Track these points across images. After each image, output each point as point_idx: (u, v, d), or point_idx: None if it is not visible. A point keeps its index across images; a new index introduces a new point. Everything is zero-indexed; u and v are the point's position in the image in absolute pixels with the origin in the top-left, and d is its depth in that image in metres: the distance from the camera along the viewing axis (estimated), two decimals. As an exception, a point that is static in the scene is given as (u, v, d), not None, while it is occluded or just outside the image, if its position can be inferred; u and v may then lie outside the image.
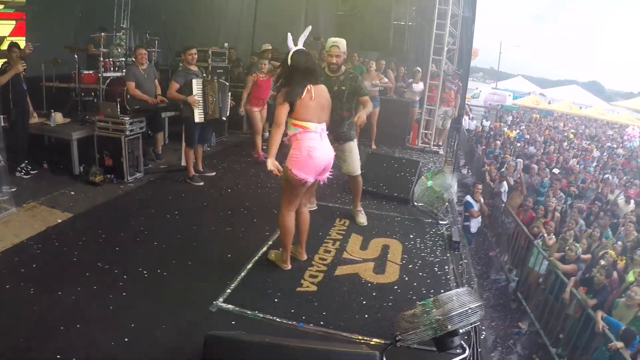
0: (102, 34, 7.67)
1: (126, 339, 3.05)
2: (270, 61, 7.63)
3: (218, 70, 8.72)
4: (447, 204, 6.01)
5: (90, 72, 7.87)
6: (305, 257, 4.35)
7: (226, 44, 9.49)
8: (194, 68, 6.25)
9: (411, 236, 5.20)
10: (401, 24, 11.95)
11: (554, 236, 7.91)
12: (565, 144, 17.92)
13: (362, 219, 5.39)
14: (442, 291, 3.92)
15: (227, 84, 6.70)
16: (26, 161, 6.00)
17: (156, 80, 7.06)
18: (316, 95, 3.79)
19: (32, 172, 6.02)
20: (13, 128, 5.87)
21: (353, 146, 5.16)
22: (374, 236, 5.07)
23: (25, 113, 6.02)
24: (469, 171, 16.21)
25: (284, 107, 3.74)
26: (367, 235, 5.07)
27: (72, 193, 5.59)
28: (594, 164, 15.13)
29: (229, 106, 6.59)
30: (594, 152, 17.48)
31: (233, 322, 3.33)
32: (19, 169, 5.91)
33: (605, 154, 17.26)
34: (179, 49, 6.69)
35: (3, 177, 5.02)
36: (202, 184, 6.29)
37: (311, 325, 3.38)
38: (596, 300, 6.19)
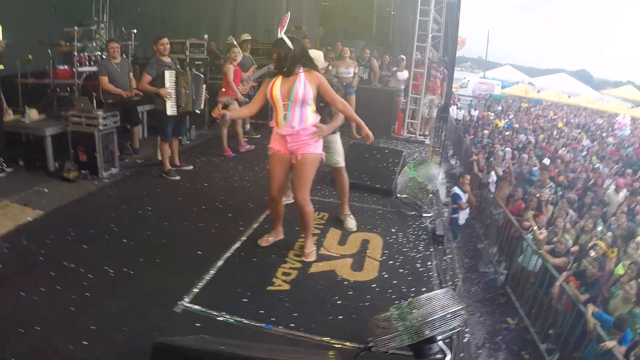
0: (76, 28, 7.46)
1: (85, 342, 2.89)
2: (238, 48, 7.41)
3: (197, 62, 8.49)
4: (431, 195, 5.87)
5: (65, 67, 7.67)
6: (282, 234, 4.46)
7: (206, 36, 9.26)
8: (167, 59, 6.06)
9: (393, 230, 5.03)
10: (385, 12, 11.83)
11: (545, 230, 7.77)
12: (555, 132, 17.85)
13: (351, 224, 4.98)
14: (423, 289, 3.78)
15: (202, 76, 6.52)
16: (1, 159, 5.81)
17: (131, 74, 6.87)
18: None
19: (7, 169, 5.83)
20: (-13, 126, 5.67)
21: (337, 137, 4.93)
22: (353, 230, 4.91)
23: (-1, 110, 5.83)
24: (458, 161, 16.09)
25: None
26: (347, 230, 4.90)
27: (46, 190, 5.43)
28: (584, 152, 15.04)
29: (203, 99, 6.41)
30: (584, 140, 17.42)
31: (198, 324, 3.15)
32: (-7, 167, 5.74)
33: (595, 142, 17.20)
34: (155, 41, 6.49)
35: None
36: (178, 178, 6.12)
37: (280, 327, 3.20)
38: (588, 295, 6.05)
